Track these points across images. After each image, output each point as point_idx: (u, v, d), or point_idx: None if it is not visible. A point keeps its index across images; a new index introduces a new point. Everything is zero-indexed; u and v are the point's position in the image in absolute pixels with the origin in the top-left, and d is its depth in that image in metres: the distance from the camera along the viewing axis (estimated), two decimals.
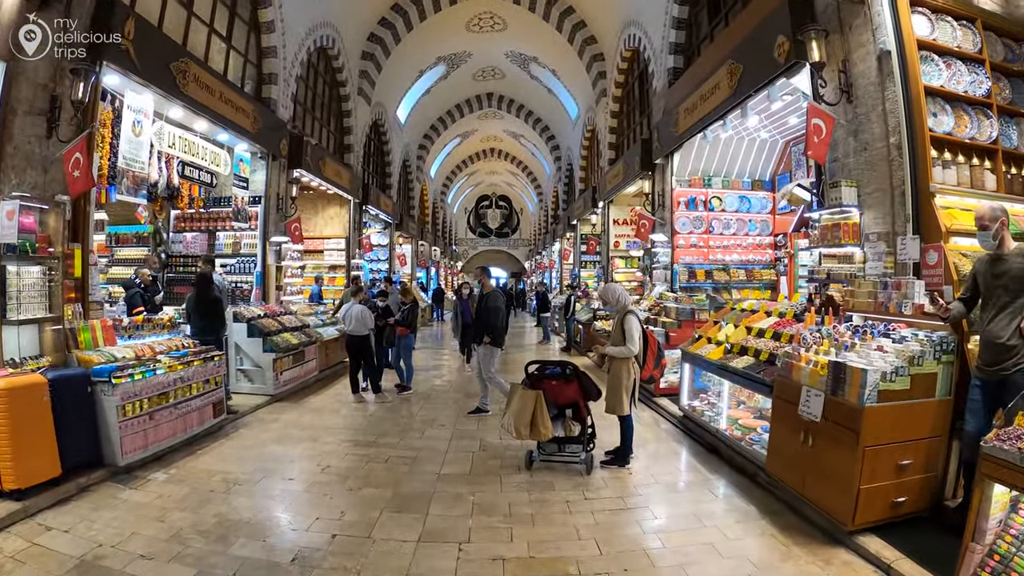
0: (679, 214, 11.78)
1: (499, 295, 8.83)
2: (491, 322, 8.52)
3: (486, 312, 8.57)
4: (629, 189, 15.69)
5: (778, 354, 6.08)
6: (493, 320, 8.51)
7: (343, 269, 17.56)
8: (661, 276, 11.96)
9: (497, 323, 8.55)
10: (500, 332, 8.65)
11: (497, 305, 8.58)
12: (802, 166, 11.47)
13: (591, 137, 22.46)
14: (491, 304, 8.57)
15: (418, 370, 12.26)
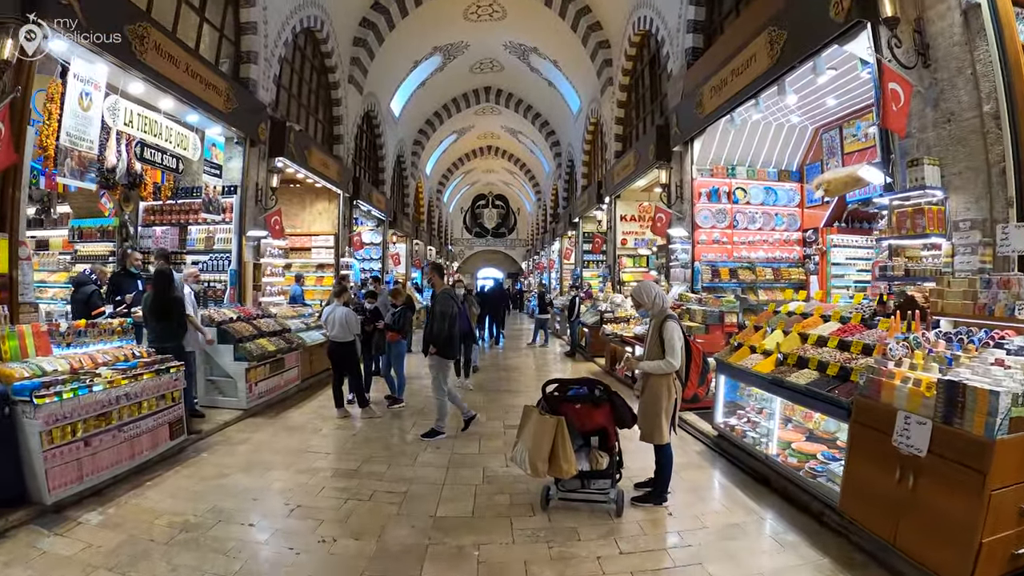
0: (700, 207, 10.66)
1: (450, 298, 7.55)
2: (437, 331, 7.30)
3: (432, 317, 7.41)
4: (639, 183, 14.59)
5: (852, 367, 4.98)
6: (440, 328, 7.29)
7: (332, 268, 16.39)
8: (680, 275, 10.86)
9: (444, 331, 7.30)
10: (448, 341, 7.40)
11: (446, 310, 7.34)
12: (835, 154, 10.44)
13: (594, 130, 21.37)
14: (439, 309, 7.35)
15: (411, 379, 11.11)
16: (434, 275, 7.89)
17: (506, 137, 34.61)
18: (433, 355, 7.38)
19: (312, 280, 16.48)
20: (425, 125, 28.06)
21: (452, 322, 7.39)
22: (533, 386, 11.20)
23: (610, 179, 16.26)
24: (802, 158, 11.20)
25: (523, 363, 14.72)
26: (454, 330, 7.47)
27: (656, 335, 5.11)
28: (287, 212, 17.03)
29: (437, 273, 7.87)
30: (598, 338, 14.01)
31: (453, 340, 7.52)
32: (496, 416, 8.57)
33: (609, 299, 15.02)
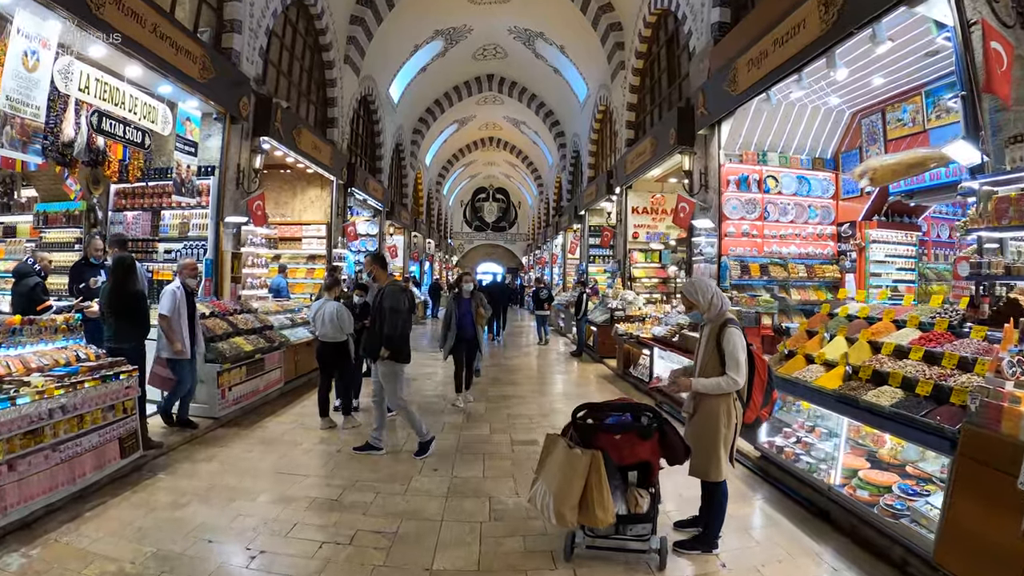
0: (729, 195, 9.66)
1: (400, 292, 6.45)
2: (388, 329, 6.20)
3: (380, 315, 6.30)
4: (653, 172, 13.61)
5: (951, 386, 4.02)
6: (392, 326, 6.21)
7: (324, 260, 15.38)
8: (705, 271, 9.87)
9: (396, 330, 6.24)
10: (401, 342, 6.34)
11: (396, 306, 6.26)
12: (877, 140, 9.46)
13: (603, 119, 20.37)
14: (388, 305, 6.26)
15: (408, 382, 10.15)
16: (376, 267, 6.71)
17: (508, 128, 33.59)
18: (385, 360, 6.27)
19: (303, 272, 15.46)
20: (425, 113, 27.04)
21: (405, 320, 6.37)
22: (539, 391, 10.25)
23: (621, 168, 15.25)
24: (837, 145, 10.21)
25: (526, 363, 13.75)
26: (407, 329, 6.47)
27: (713, 344, 4.13)
28: (277, 199, 16.08)
29: (379, 265, 6.71)
30: (609, 338, 13.04)
31: (407, 341, 6.49)
32: (501, 427, 7.60)
33: (620, 296, 14.04)
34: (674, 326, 8.95)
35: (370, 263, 6.78)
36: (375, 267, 6.68)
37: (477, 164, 42.89)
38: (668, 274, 15.46)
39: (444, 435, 7.14)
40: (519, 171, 41.64)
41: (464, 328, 8.73)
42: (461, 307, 8.80)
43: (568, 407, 8.70)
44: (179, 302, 6.77)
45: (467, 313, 8.82)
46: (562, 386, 10.95)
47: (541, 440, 6.80)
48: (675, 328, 8.80)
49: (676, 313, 9.52)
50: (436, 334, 20.25)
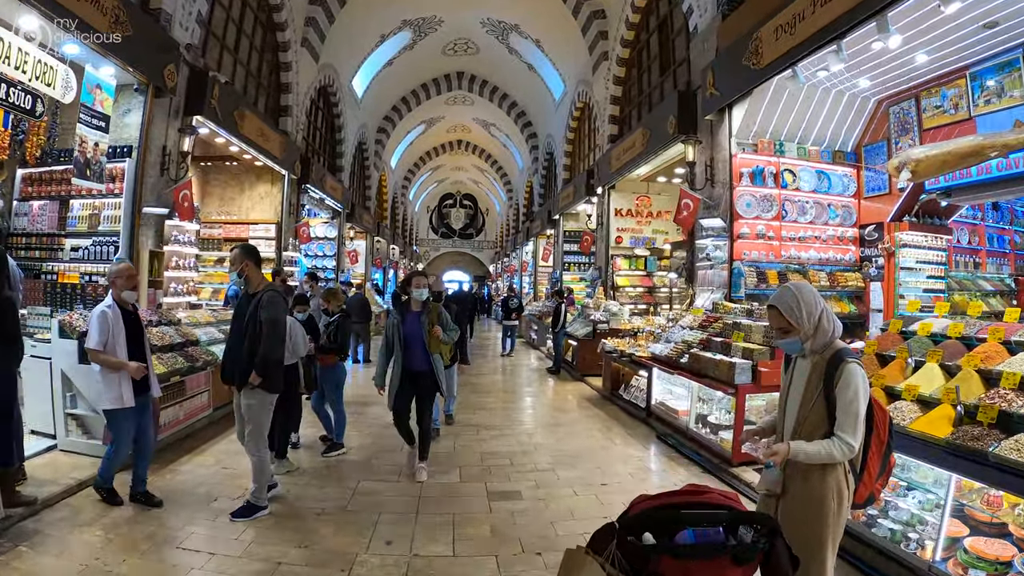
0: (742, 191, 8.36)
1: (279, 299, 4.85)
2: (265, 349, 4.63)
3: (254, 328, 4.66)
4: (642, 169, 12.33)
5: None
6: (269, 345, 4.65)
7: (272, 264, 13.73)
8: (713, 279, 8.57)
9: (274, 351, 4.71)
10: (278, 367, 4.83)
11: (276, 317, 4.72)
12: (910, 131, 8.31)
13: (580, 116, 19.10)
14: (265, 315, 4.64)
15: (361, 408, 8.63)
16: (248, 263, 4.86)
17: (478, 130, 32.18)
18: (254, 389, 4.70)
19: None
20: (391, 112, 25.50)
21: (280, 339, 4.83)
22: (516, 418, 8.80)
23: (605, 166, 13.93)
24: (859, 137, 9.02)
25: (497, 382, 12.29)
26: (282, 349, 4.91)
27: (817, 389, 2.70)
28: (222, 196, 14.43)
29: (251, 259, 4.90)
30: (591, 354, 11.66)
31: (281, 366, 4.95)
32: (473, 473, 6.09)
33: (603, 307, 12.69)
34: (679, 343, 7.58)
35: (240, 257, 4.88)
36: (247, 264, 4.86)
37: (445, 168, 41.40)
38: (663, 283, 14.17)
39: (402, 485, 5.63)
40: (488, 176, 40.28)
41: (412, 357, 5.81)
42: (408, 324, 5.83)
43: (554, 441, 7.36)
44: (112, 327, 4.81)
45: (416, 334, 5.82)
46: (542, 410, 9.50)
47: (525, 493, 5.46)
48: (681, 346, 7.42)
49: (679, 328, 8.16)
50: None
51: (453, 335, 6.06)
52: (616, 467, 6.31)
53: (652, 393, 8.19)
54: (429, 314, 5.84)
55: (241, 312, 4.83)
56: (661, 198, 14.61)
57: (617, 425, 8.31)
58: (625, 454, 6.86)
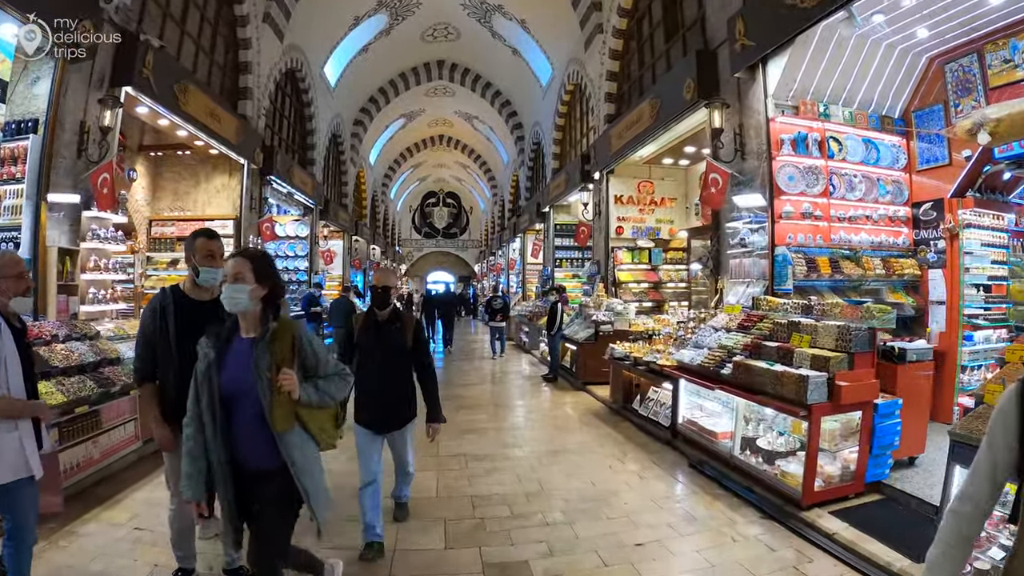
0: (783, 161, 6.95)
1: None
2: None
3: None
4: (645, 150, 10.96)
5: None
6: None
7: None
8: (750, 269, 7.16)
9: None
10: None
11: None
12: (972, 91, 7.05)
13: (571, 100, 17.70)
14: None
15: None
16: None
17: (460, 124, 30.69)
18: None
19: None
20: (368, 103, 23.95)
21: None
22: (512, 442, 7.32)
23: (603, 148, 12.50)
24: (908, 101, 7.69)
25: (486, 393, 10.82)
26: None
27: None
28: (175, 190, 12.90)
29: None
30: (594, 359, 10.29)
31: None
32: (463, 530, 4.58)
33: (604, 305, 11.28)
34: (715, 350, 6.16)
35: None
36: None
37: (427, 166, 39.87)
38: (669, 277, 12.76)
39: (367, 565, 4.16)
40: (471, 173, 38.80)
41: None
42: (229, 366, 2.79)
43: (563, 476, 5.82)
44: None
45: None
46: (542, 430, 7.99)
47: (536, 566, 3.91)
48: (719, 353, 6.01)
49: (709, 330, 6.72)
50: None
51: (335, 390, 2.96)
52: (649, 514, 4.87)
53: (679, 410, 6.79)
54: (273, 343, 2.78)
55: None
56: (665, 184, 13.22)
57: (635, 448, 6.89)
58: (655, 492, 5.43)
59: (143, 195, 12.72)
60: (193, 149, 12.09)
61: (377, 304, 4.25)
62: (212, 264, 3.55)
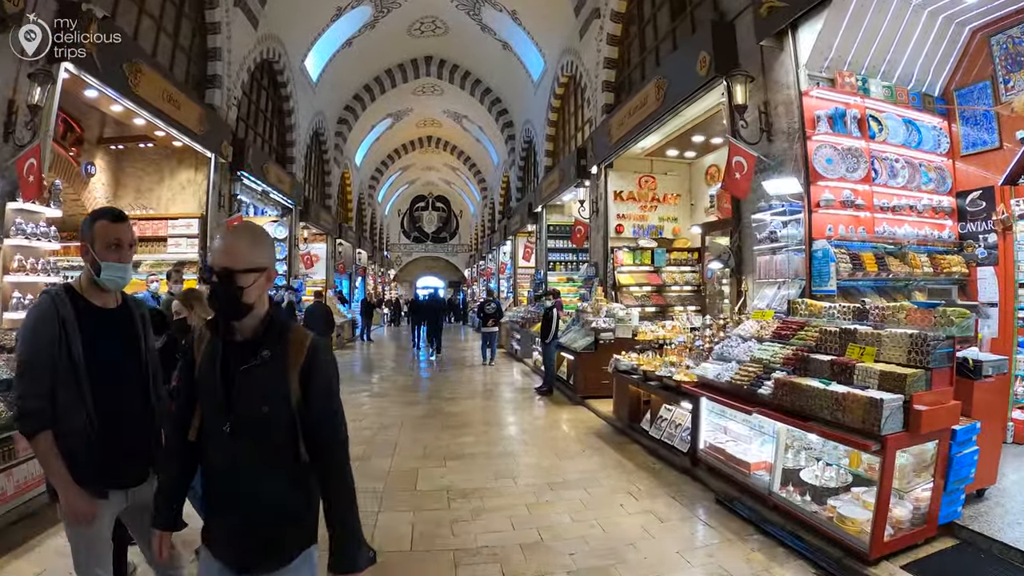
0: (820, 141, 6.00)
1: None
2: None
3: None
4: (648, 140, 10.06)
5: None
6: None
7: (194, 267, 11.15)
8: (784, 266, 6.17)
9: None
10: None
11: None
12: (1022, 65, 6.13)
13: (565, 93, 16.79)
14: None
15: None
16: None
17: (449, 124, 29.70)
18: None
19: (166, 285, 11.16)
20: (353, 101, 22.94)
21: None
22: (505, 470, 6.30)
23: (602, 138, 11.52)
24: (949, 77, 6.77)
25: (476, 409, 9.77)
26: None
27: None
28: (138, 187, 11.89)
29: None
30: (595, 371, 9.33)
31: None
32: None
33: (604, 311, 10.30)
34: (749, 364, 5.19)
35: None
36: None
37: (415, 169, 38.82)
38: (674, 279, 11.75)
39: None
40: (460, 175, 37.80)
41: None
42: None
43: (568, 518, 4.75)
44: None
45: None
46: (539, 456, 6.91)
47: None
48: (754, 368, 5.02)
49: (736, 340, 5.74)
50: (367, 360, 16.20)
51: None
52: (677, 574, 3.89)
53: (700, 433, 5.81)
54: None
55: None
56: (668, 179, 12.25)
57: (648, 479, 5.90)
58: (679, 540, 4.41)
59: (103, 192, 11.67)
60: (156, 141, 11.07)
61: (221, 308, 2.03)
62: (118, 258, 2.54)
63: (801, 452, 4.73)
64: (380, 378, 12.94)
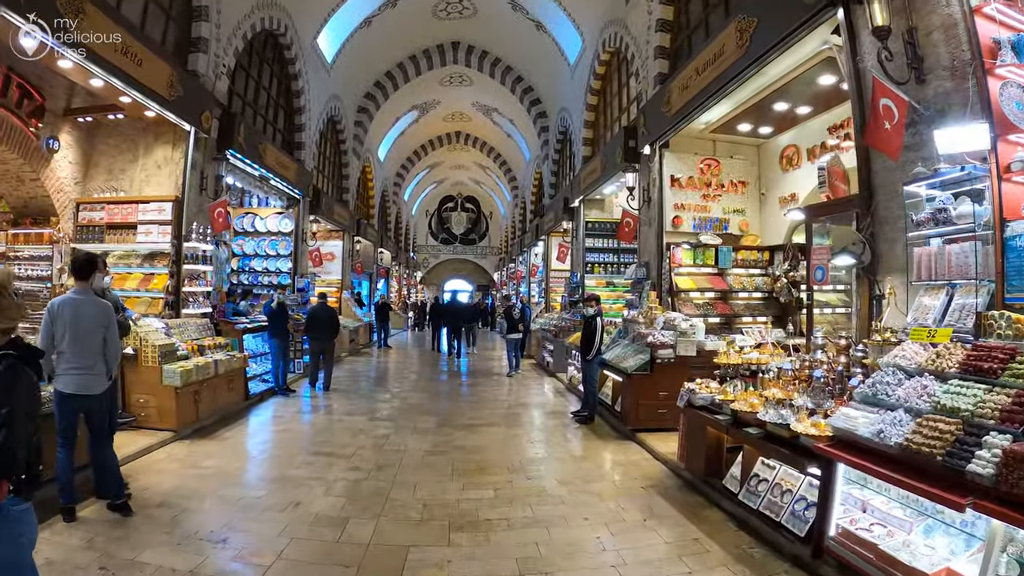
0: (1003, 77, 3.94)
1: None
2: None
3: None
4: (717, 111, 8.07)
5: None
6: None
7: (166, 259, 9.37)
8: (962, 262, 4.06)
9: None
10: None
11: None
12: None
13: (607, 71, 14.82)
14: None
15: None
16: None
17: (478, 119, 27.90)
18: None
19: (135, 280, 9.43)
20: (374, 88, 21.26)
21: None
22: (532, 559, 4.30)
23: (658, 109, 9.39)
24: None
25: (497, 443, 7.76)
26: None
27: None
28: (110, 166, 10.28)
29: None
30: (650, 397, 7.35)
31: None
32: None
33: (661, 321, 8.27)
34: (942, 420, 3.15)
35: None
36: None
37: (443, 167, 37.15)
38: (741, 284, 9.64)
39: None
40: (490, 175, 36.01)
41: None
42: None
43: None
44: None
45: None
46: (582, 528, 4.77)
47: None
48: (951, 428, 3.00)
49: (893, 374, 3.72)
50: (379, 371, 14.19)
51: None
52: None
53: (830, 514, 3.79)
54: None
55: None
56: (734, 163, 10.16)
57: (742, 570, 3.92)
58: None
59: (71, 172, 10.00)
60: (125, 111, 9.39)
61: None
62: None
63: (1005, 555, 2.72)
64: (389, 395, 11.05)
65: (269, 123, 14.11)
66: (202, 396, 7.94)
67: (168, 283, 9.11)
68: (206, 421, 8.01)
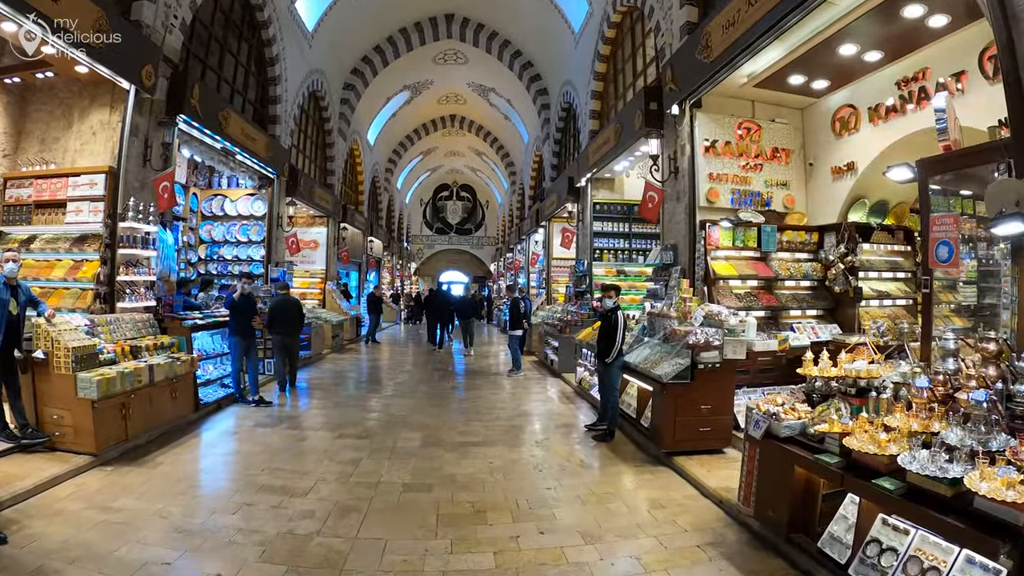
0: None
1: None
2: None
3: None
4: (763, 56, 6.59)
5: None
6: None
7: (97, 243, 7.79)
8: None
9: None
10: None
11: None
12: None
13: (619, 32, 13.20)
14: None
15: None
16: None
17: (474, 100, 26.26)
18: None
19: (63, 268, 7.84)
20: (361, 63, 19.61)
21: None
22: None
23: (691, 57, 7.70)
24: None
25: (494, 468, 6.19)
26: None
27: None
28: (44, 136, 8.82)
29: None
30: (690, 412, 5.86)
31: None
32: None
33: (700, 316, 6.74)
34: None
35: None
36: None
37: (438, 153, 35.52)
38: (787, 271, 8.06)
39: None
40: (487, 161, 34.41)
41: None
42: None
43: None
44: None
45: None
46: None
47: None
48: None
49: None
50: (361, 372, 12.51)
51: None
52: None
53: None
54: None
55: None
56: (776, 129, 8.58)
57: None
58: None
59: None
60: (55, 67, 7.85)
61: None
62: None
63: None
64: (369, 402, 9.51)
65: (238, 92, 12.50)
66: (133, 410, 6.40)
67: (99, 271, 7.53)
68: (140, 440, 6.49)
